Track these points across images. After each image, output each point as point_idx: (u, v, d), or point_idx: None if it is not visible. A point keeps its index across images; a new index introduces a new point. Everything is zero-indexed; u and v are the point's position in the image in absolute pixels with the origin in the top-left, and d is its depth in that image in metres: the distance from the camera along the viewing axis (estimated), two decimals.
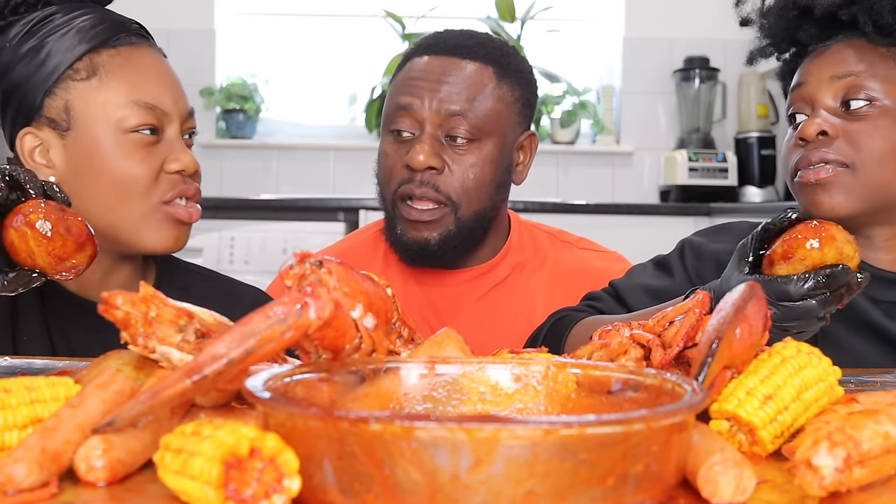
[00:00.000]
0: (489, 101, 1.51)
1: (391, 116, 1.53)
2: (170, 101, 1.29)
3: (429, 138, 1.49)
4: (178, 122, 1.29)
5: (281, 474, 0.57)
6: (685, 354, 0.87)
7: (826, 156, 1.24)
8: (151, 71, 1.29)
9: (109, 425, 0.64)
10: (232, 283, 1.47)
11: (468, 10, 3.97)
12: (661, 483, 0.58)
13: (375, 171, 1.59)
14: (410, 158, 1.48)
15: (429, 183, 1.49)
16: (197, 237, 3.34)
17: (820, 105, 1.28)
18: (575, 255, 1.65)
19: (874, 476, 0.64)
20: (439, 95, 1.49)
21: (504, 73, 1.54)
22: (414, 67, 1.54)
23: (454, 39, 1.56)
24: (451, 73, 1.51)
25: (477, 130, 1.49)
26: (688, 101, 3.94)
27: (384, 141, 1.55)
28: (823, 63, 1.30)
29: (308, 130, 4.10)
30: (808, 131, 1.25)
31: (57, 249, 0.97)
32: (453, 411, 0.73)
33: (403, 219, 1.52)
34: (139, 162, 1.24)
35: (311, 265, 0.75)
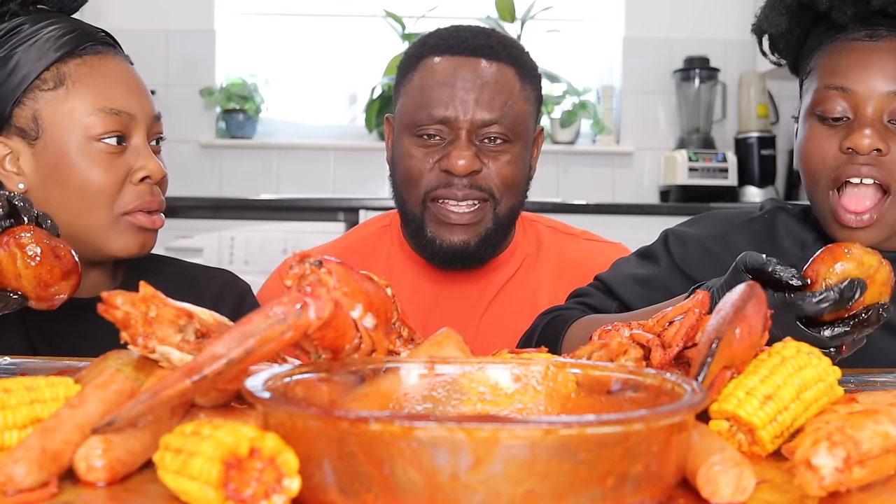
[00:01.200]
0: (518, 103, 1.52)
1: (418, 123, 1.50)
2: (135, 105, 1.30)
3: (466, 143, 1.49)
4: (144, 127, 1.30)
5: (281, 474, 0.57)
6: (685, 354, 0.87)
7: (873, 173, 1.21)
8: (117, 77, 1.30)
9: (109, 425, 0.64)
10: (199, 268, 1.49)
11: (468, 10, 3.97)
12: (660, 483, 0.58)
13: (394, 172, 1.57)
14: (451, 165, 1.47)
15: (470, 185, 1.49)
16: (197, 237, 3.35)
17: (869, 115, 1.22)
18: (579, 247, 1.66)
19: (874, 476, 0.64)
20: (475, 103, 1.48)
21: (524, 73, 1.55)
22: (438, 70, 1.51)
23: (476, 39, 1.54)
24: (481, 78, 1.50)
25: (509, 132, 1.50)
26: (688, 101, 3.94)
27: (406, 142, 1.52)
28: (875, 65, 1.22)
29: (308, 130, 4.10)
30: (862, 144, 1.20)
31: (44, 274, 0.99)
32: (453, 411, 0.73)
33: (437, 221, 1.51)
34: (104, 171, 1.26)
35: (311, 265, 0.75)
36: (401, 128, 1.54)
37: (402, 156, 1.53)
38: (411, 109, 1.52)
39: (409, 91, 1.54)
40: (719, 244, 1.36)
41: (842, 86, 1.23)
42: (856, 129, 1.21)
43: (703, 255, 1.36)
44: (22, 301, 1.01)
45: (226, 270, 1.51)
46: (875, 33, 1.24)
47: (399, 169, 1.54)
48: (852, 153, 1.21)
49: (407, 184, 1.52)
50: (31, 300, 1.01)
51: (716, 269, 1.17)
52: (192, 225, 3.39)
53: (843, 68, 1.24)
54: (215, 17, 3.99)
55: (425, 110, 1.49)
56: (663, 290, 1.29)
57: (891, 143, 1.21)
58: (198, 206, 3.42)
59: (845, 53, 1.25)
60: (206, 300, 0.91)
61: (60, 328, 1.29)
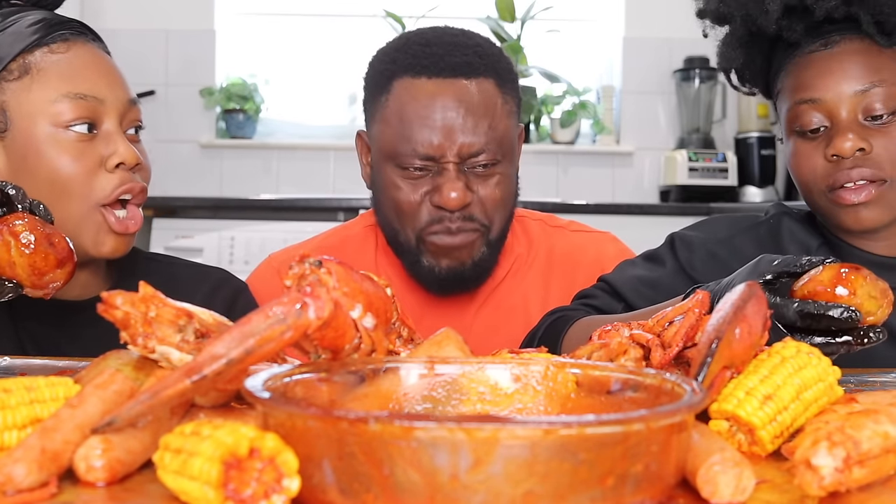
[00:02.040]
0: (502, 121, 1.46)
1: (404, 157, 1.43)
2: (104, 89, 1.25)
3: (455, 175, 1.42)
4: (115, 112, 1.26)
5: (280, 474, 0.57)
6: (685, 354, 0.87)
7: (864, 173, 1.24)
8: (85, 62, 1.26)
9: (109, 425, 0.64)
10: (194, 266, 1.48)
11: (468, 10, 3.97)
12: (660, 483, 0.58)
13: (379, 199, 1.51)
14: (444, 201, 1.41)
15: (462, 217, 1.44)
16: (197, 237, 3.35)
17: (844, 119, 1.25)
18: (567, 239, 1.63)
19: (874, 476, 0.64)
20: (460, 133, 1.41)
21: (502, 80, 1.49)
22: (417, 97, 1.43)
23: (451, 56, 1.45)
24: (464, 103, 1.42)
25: (497, 156, 1.45)
26: (688, 101, 3.95)
27: (389, 172, 1.46)
28: (836, 70, 1.26)
29: (308, 130, 4.10)
30: (844, 149, 1.23)
31: (38, 262, 0.98)
32: (453, 411, 0.73)
33: (433, 250, 1.47)
34: (74, 159, 1.22)
35: (311, 265, 0.75)
36: (381, 156, 1.48)
37: (387, 186, 1.47)
38: (392, 140, 1.45)
39: (385, 118, 1.47)
40: (725, 248, 1.37)
41: (810, 98, 1.27)
42: (835, 135, 1.25)
43: (709, 258, 1.37)
44: (16, 289, 1.00)
45: (220, 269, 1.49)
46: (829, 41, 1.28)
47: (386, 199, 1.49)
48: (838, 159, 1.24)
49: (399, 217, 1.47)
50: (25, 288, 1.01)
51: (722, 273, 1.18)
52: (192, 225, 3.39)
53: (807, 81, 1.28)
54: (215, 17, 3.99)
55: (409, 145, 1.43)
56: (670, 292, 1.28)
57: (872, 140, 1.24)
58: (198, 206, 3.42)
59: (806, 67, 1.29)
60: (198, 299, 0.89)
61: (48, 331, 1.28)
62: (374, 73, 1.54)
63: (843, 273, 0.95)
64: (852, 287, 0.94)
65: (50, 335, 1.28)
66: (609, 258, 1.56)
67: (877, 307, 0.94)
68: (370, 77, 1.55)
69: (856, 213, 1.26)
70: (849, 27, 1.27)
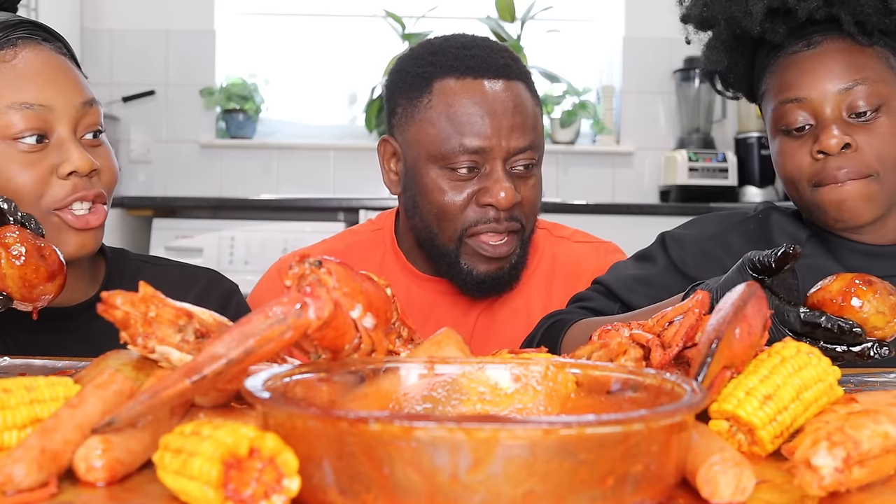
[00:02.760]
0: (539, 123, 1.49)
1: (449, 155, 1.43)
2: (52, 95, 1.20)
3: (504, 175, 1.43)
4: (67, 118, 1.21)
5: (280, 474, 0.57)
6: (685, 354, 0.87)
7: (850, 169, 1.25)
8: (31, 69, 1.21)
9: (109, 425, 0.64)
10: (183, 267, 1.46)
11: (468, 10, 3.97)
12: (660, 483, 0.58)
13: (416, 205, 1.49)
14: (497, 200, 1.42)
15: (510, 217, 1.45)
16: (197, 237, 3.35)
17: (828, 116, 1.27)
18: (570, 250, 1.65)
19: (873, 476, 0.64)
20: (510, 131, 1.43)
21: (528, 84, 1.51)
22: (465, 95, 1.44)
23: (490, 58, 1.48)
24: (511, 102, 1.44)
25: (537, 156, 1.48)
26: (688, 101, 3.95)
27: (433, 174, 1.45)
28: (819, 69, 1.28)
29: (308, 130, 4.10)
30: (830, 146, 1.25)
31: (29, 275, 0.98)
32: (453, 411, 0.73)
33: (473, 254, 1.47)
34: (22, 169, 1.18)
35: (311, 265, 0.75)
36: (423, 158, 1.46)
37: (430, 189, 1.46)
38: (437, 140, 1.44)
39: (428, 119, 1.46)
40: (716, 244, 1.39)
41: (795, 97, 1.29)
42: (820, 132, 1.27)
43: (700, 255, 1.39)
44: (6, 302, 0.99)
45: (210, 269, 1.47)
46: (811, 41, 1.30)
47: (427, 203, 1.47)
48: (825, 156, 1.26)
49: (441, 220, 1.46)
50: (15, 301, 1.00)
51: (714, 269, 1.20)
52: (192, 225, 3.39)
53: (791, 81, 1.29)
54: (215, 17, 3.99)
55: (456, 141, 1.42)
56: (664, 289, 1.30)
57: (857, 136, 1.26)
58: (198, 206, 3.42)
59: (790, 67, 1.30)
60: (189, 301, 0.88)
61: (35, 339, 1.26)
62: (409, 77, 1.51)
63: (854, 284, 0.95)
64: (861, 300, 0.94)
65: (37, 342, 1.26)
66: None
67: (884, 322, 0.94)
68: (403, 82, 1.52)
69: (842, 209, 1.27)
70: (830, 28, 1.29)
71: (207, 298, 1.36)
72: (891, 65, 1.29)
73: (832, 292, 0.95)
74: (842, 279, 0.96)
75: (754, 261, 1.00)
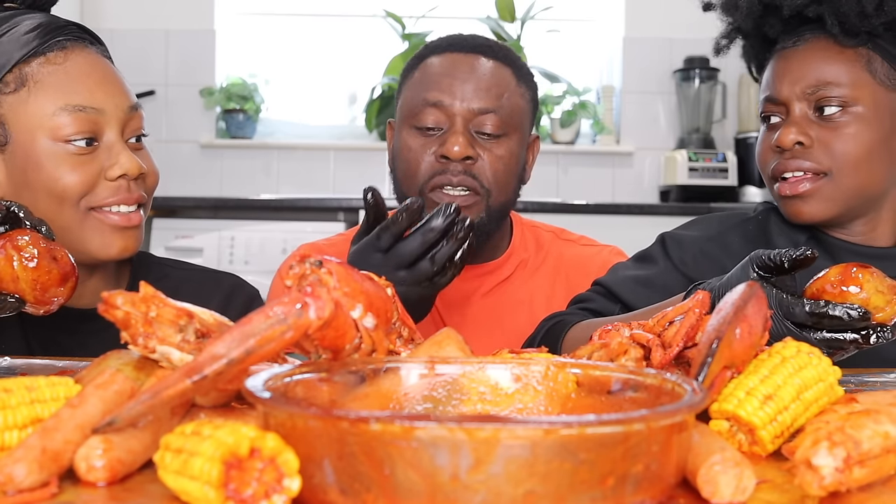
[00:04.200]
0: (514, 98, 1.55)
1: (416, 112, 1.53)
2: (103, 99, 1.23)
3: (462, 130, 1.51)
4: (116, 122, 1.24)
5: (281, 474, 0.57)
6: (685, 354, 0.87)
7: (802, 165, 1.31)
8: (82, 72, 1.23)
9: (109, 425, 0.64)
10: (207, 272, 1.47)
11: (468, 10, 3.97)
12: (661, 483, 0.58)
13: (394, 168, 1.59)
14: (447, 150, 1.50)
15: (465, 172, 1.51)
16: (197, 237, 3.35)
17: (794, 112, 1.33)
18: (576, 251, 1.69)
19: (874, 476, 0.64)
20: (470, 92, 1.52)
21: (520, 74, 1.58)
22: (438, 64, 1.56)
23: (475, 39, 1.59)
24: (477, 70, 1.53)
25: (504, 125, 1.53)
26: (688, 101, 3.94)
27: (405, 135, 1.55)
28: (794, 70, 1.33)
29: (308, 130, 4.10)
30: (784, 140, 1.32)
31: (42, 277, 0.98)
32: (453, 411, 0.73)
33: (436, 205, 1.52)
34: (72, 170, 1.20)
35: (311, 265, 0.75)
36: (400, 122, 1.58)
37: (401, 148, 1.56)
38: (409, 101, 1.56)
39: (409, 86, 1.58)
40: (715, 245, 1.41)
41: (772, 96, 1.36)
42: (781, 127, 1.34)
43: (700, 256, 1.40)
44: (19, 305, 1.00)
45: (232, 275, 1.49)
46: (799, 38, 1.35)
47: (399, 163, 1.57)
48: (780, 150, 1.33)
49: (406, 176, 1.55)
50: (28, 304, 1.00)
51: (713, 270, 1.23)
52: (192, 225, 3.39)
53: (772, 79, 1.37)
54: (215, 17, 3.99)
55: (421, 96, 1.53)
56: (664, 290, 1.31)
57: (816, 135, 1.31)
58: (198, 206, 3.42)
59: (775, 64, 1.38)
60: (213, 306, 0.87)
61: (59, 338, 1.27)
62: (409, 61, 1.63)
63: (851, 271, 0.96)
64: (860, 283, 0.95)
65: (61, 342, 1.27)
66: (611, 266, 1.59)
67: (885, 302, 0.95)
68: (405, 68, 1.64)
69: (794, 205, 1.33)
70: (818, 27, 1.33)
71: (231, 304, 1.37)
72: (871, 68, 1.31)
73: (829, 280, 0.96)
74: (836, 268, 0.97)
75: (763, 259, 1.01)
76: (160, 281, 1.28)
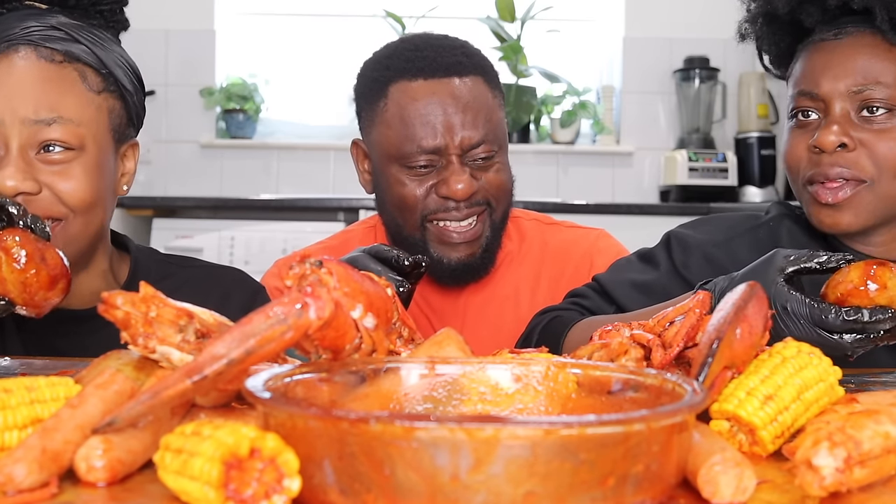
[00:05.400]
0: (495, 113, 1.53)
1: (406, 154, 1.48)
2: (2, 107, 1.16)
3: (460, 168, 1.48)
4: (17, 133, 1.16)
5: (281, 474, 0.57)
6: (685, 354, 0.87)
7: (843, 173, 1.23)
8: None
9: (109, 425, 0.64)
10: (209, 268, 1.47)
11: (468, 10, 3.97)
12: (661, 483, 0.58)
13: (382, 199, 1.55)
14: (452, 192, 1.47)
15: (470, 203, 1.50)
16: (197, 237, 3.35)
17: (836, 114, 1.24)
18: (560, 235, 1.68)
19: (874, 476, 0.64)
20: (458, 126, 1.47)
21: (488, 76, 1.55)
22: (415, 100, 1.48)
23: (442, 57, 1.52)
24: (461, 99, 1.49)
25: (495, 146, 1.51)
26: (688, 101, 3.95)
27: (395, 172, 1.50)
28: (836, 65, 1.25)
29: (308, 130, 4.10)
30: (826, 142, 1.22)
31: (30, 278, 0.96)
32: (453, 411, 0.73)
33: (440, 241, 1.51)
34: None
35: (311, 265, 0.75)
36: (384, 158, 1.52)
37: (392, 184, 1.51)
38: (395, 141, 1.49)
39: (385, 121, 1.51)
40: (722, 252, 1.36)
41: (809, 90, 1.27)
42: (822, 127, 1.24)
43: (705, 262, 1.36)
44: (8, 307, 0.98)
45: (236, 269, 1.49)
46: (841, 31, 1.26)
47: (390, 197, 1.53)
48: (819, 152, 1.24)
49: (402, 210, 1.51)
50: (17, 306, 0.98)
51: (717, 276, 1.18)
52: (192, 225, 3.39)
53: (810, 72, 1.27)
54: (215, 17, 3.99)
55: (412, 143, 1.47)
56: (662, 296, 1.28)
57: (860, 138, 1.23)
58: (198, 206, 3.42)
59: (813, 56, 1.28)
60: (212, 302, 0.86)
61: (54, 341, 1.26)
62: (368, 82, 1.58)
63: (871, 270, 0.95)
64: (882, 281, 0.94)
65: (56, 345, 1.26)
66: (599, 252, 1.62)
67: None
68: (364, 86, 1.59)
69: (830, 213, 1.24)
70: (863, 20, 1.25)
71: (231, 299, 1.36)
72: None
73: (854, 282, 0.95)
74: (856, 267, 0.96)
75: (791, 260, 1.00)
76: (161, 280, 1.27)
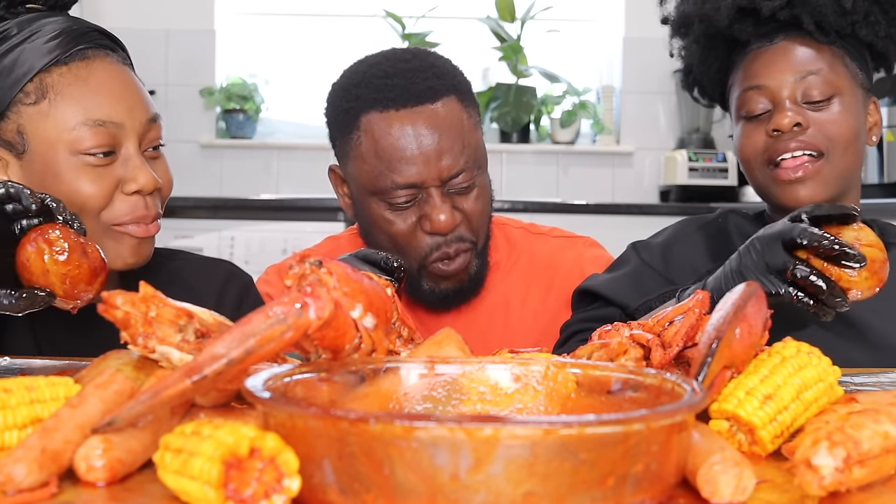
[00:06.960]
0: (472, 136, 1.47)
1: (385, 190, 1.44)
2: (123, 113, 1.23)
3: (440, 200, 1.44)
4: (134, 135, 1.24)
5: (281, 474, 0.57)
6: (685, 354, 0.87)
7: (802, 145, 1.36)
8: (102, 85, 1.23)
9: (109, 425, 0.64)
10: (202, 260, 1.47)
11: (468, 10, 3.97)
12: (661, 483, 0.58)
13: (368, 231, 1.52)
14: (435, 226, 1.43)
15: (456, 238, 1.47)
16: (197, 237, 3.35)
17: (784, 101, 1.38)
18: (548, 244, 1.66)
19: (874, 476, 0.64)
20: (437, 160, 1.42)
21: (461, 94, 1.50)
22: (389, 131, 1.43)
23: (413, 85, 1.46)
24: (435, 129, 1.43)
25: (473, 171, 1.47)
26: (688, 101, 3.94)
27: (374, 206, 1.47)
28: (778, 60, 1.40)
29: (308, 130, 4.10)
30: (783, 123, 1.35)
31: (72, 271, 0.98)
32: (453, 411, 0.73)
33: (433, 278, 1.49)
34: (91, 182, 1.21)
35: (311, 265, 0.75)
36: (363, 192, 1.48)
37: (376, 220, 1.48)
38: (371, 176, 1.45)
39: (360, 155, 1.47)
40: (682, 245, 1.48)
41: (757, 84, 1.40)
42: (776, 113, 1.38)
43: (670, 255, 1.47)
44: (49, 299, 0.99)
45: (227, 261, 1.50)
46: (774, 38, 1.42)
47: (378, 233, 1.49)
48: (778, 134, 1.37)
49: (398, 248, 1.48)
50: (58, 298, 1.00)
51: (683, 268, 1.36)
52: (192, 225, 3.39)
53: (754, 71, 1.41)
54: (215, 17, 3.99)
55: (388, 178, 1.43)
56: (638, 283, 1.40)
57: (809, 118, 1.37)
58: (198, 206, 3.42)
59: (755, 60, 1.42)
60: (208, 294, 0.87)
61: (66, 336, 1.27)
62: (339, 112, 1.54)
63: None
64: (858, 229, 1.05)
65: (67, 340, 1.27)
66: (587, 261, 1.60)
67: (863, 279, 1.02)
68: (334, 115, 1.55)
69: (793, 189, 1.37)
70: (792, 29, 1.40)
71: (227, 292, 1.38)
72: (844, 63, 1.40)
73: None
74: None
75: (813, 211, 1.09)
76: (158, 274, 1.28)
